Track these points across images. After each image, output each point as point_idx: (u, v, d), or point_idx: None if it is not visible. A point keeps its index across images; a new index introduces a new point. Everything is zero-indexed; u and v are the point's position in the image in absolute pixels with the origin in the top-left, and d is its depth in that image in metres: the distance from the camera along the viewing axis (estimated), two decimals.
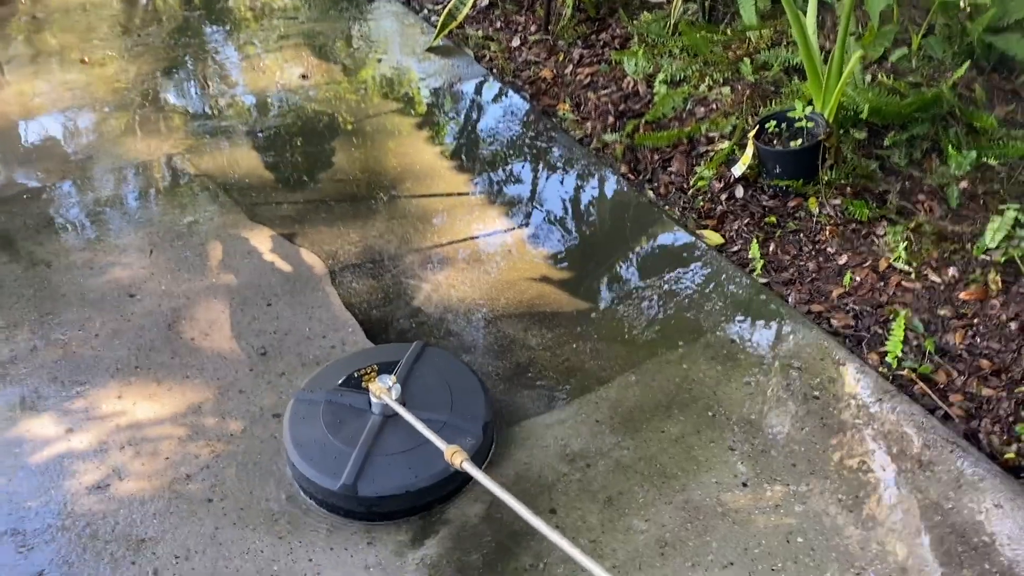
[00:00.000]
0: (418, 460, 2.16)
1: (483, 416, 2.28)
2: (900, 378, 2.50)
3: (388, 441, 2.21)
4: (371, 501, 2.13)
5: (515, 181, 3.40)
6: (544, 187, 3.36)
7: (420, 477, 2.14)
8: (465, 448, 2.11)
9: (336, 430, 2.25)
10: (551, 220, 3.18)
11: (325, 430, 2.25)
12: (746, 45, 3.89)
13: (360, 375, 2.38)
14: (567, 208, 3.24)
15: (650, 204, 3.23)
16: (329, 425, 2.26)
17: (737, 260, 2.98)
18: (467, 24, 4.53)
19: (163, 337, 2.70)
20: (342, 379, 2.38)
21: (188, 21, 4.73)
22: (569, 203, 3.27)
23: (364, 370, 2.40)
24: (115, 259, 3.02)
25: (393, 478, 2.14)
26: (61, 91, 4.05)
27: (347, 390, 2.34)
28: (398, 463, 2.17)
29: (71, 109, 3.90)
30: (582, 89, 3.95)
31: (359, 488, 2.12)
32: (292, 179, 3.42)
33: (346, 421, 2.27)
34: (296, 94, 3.98)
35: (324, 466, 2.16)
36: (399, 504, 2.15)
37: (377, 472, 2.15)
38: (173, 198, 3.31)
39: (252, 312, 2.79)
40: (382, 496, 2.13)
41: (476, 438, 2.23)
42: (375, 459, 2.17)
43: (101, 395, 2.51)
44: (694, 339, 2.62)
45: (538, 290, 2.85)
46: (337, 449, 2.20)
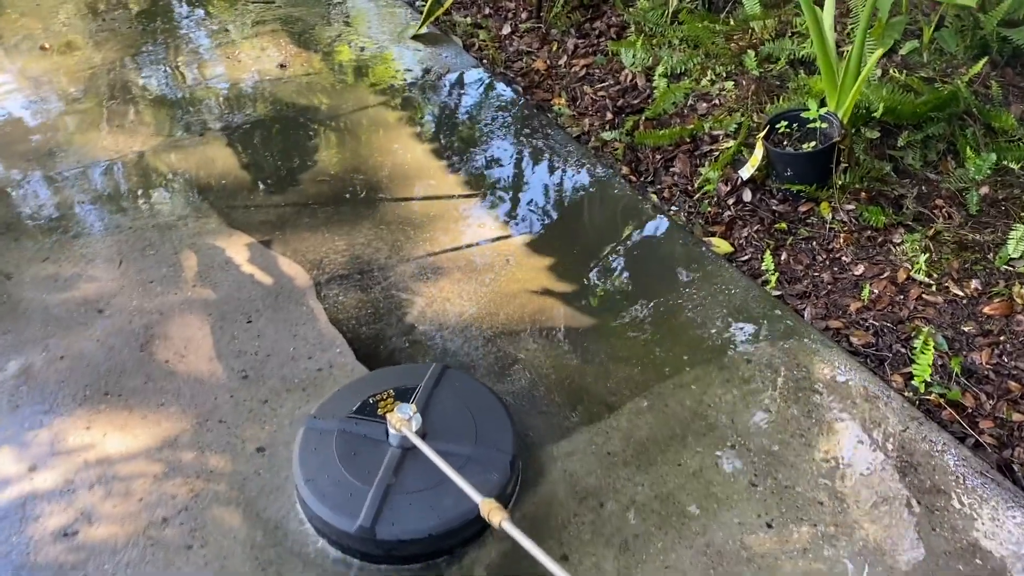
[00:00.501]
0: (441, 500, 1.97)
1: (510, 450, 2.09)
2: (927, 403, 2.36)
3: (408, 478, 2.02)
4: (390, 545, 1.94)
5: (511, 183, 3.20)
6: (542, 190, 3.16)
7: (443, 520, 1.95)
8: (491, 485, 1.96)
9: (351, 463, 2.06)
10: (551, 226, 2.99)
11: (339, 463, 2.06)
12: (749, 36, 3.72)
13: (376, 401, 2.20)
14: (568, 213, 3.06)
15: (654, 209, 3.06)
16: (343, 458, 2.07)
17: (748, 271, 2.81)
18: (454, 10, 4.30)
19: (135, 359, 2.49)
20: (356, 405, 2.19)
21: (157, 3, 4.46)
22: (569, 207, 3.08)
23: (380, 395, 2.21)
24: (81, 270, 2.80)
25: (414, 520, 1.95)
26: (19, 81, 3.78)
27: (362, 418, 2.15)
28: (419, 503, 1.97)
29: (31, 101, 3.64)
30: (577, 82, 3.75)
31: (377, 531, 1.93)
32: (272, 179, 3.20)
33: (361, 453, 2.08)
34: (274, 85, 3.74)
35: (339, 505, 1.97)
36: (420, 548, 1.96)
37: (397, 513, 1.95)
38: (143, 201, 3.09)
39: (231, 330, 2.58)
40: (402, 540, 1.94)
41: (503, 475, 2.04)
42: (394, 498, 1.98)
43: (67, 426, 2.30)
44: (708, 359, 2.46)
45: (539, 304, 2.67)
46: (352, 486, 2.01)
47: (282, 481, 2.15)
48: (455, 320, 2.61)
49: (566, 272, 2.79)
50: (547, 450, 2.23)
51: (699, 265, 2.80)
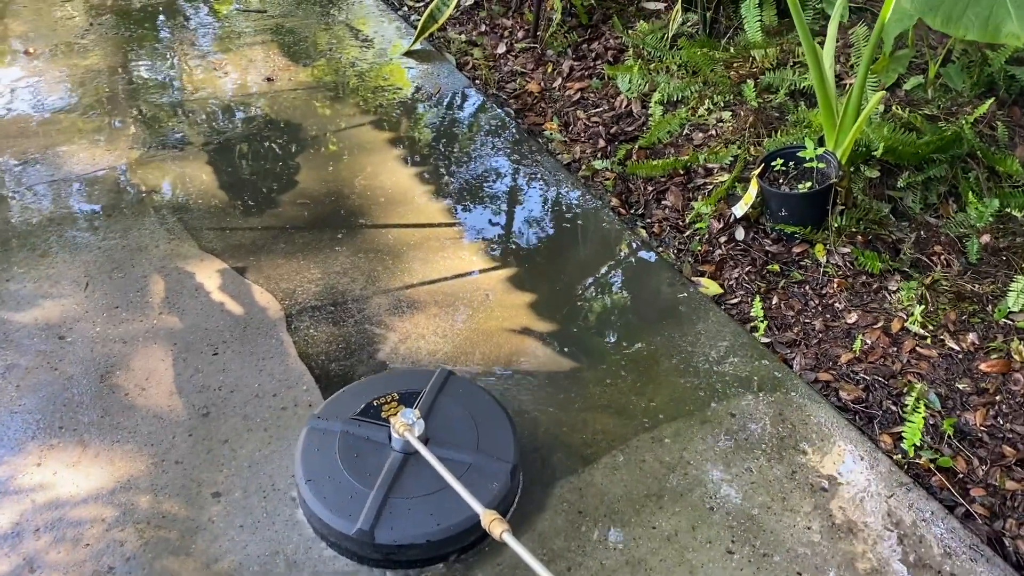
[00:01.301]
0: (440, 507, 1.96)
1: (511, 459, 2.08)
2: (916, 466, 2.25)
3: (409, 483, 2.01)
4: (389, 549, 1.94)
5: (495, 212, 3.10)
6: (527, 221, 3.06)
7: (443, 526, 1.94)
8: (491, 494, 1.96)
9: (352, 466, 2.05)
10: (534, 260, 2.89)
11: (340, 465, 2.05)
12: (749, 64, 3.61)
13: (379, 404, 2.19)
14: (552, 246, 2.95)
15: (643, 244, 2.95)
16: (345, 459, 2.06)
17: (737, 315, 2.71)
18: (449, 26, 4.20)
19: (94, 391, 2.39)
20: (360, 408, 2.18)
21: (146, 11, 4.37)
22: (554, 240, 2.98)
23: (384, 398, 2.21)
24: (46, 291, 2.70)
25: (413, 525, 1.94)
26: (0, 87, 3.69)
27: (365, 420, 2.14)
28: (419, 509, 1.97)
29: (7, 108, 3.55)
30: (571, 106, 3.65)
31: (376, 535, 1.92)
32: (250, 201, 3.10)
33: (363, 456, 2.07)
34: (260, 100, 3.64)
35: (339, 506, 1.97)
36: (419, 554, 1.96)
37: (396, 518, 1.95)
38: (116, 220, 2.99)
39: (196, 362, 2.48)
40: (401, 545, 1.93)
41: (504, 483, 2.02)
42: (394, 502, 1.97)
43: (18, 462, 2.20)
44: (689, 412, 2.35)
45: (517, 344, 2.57)
46: (353, 488, 2.00)
47: (236, 531, 2.05)
48: (427, 359, 2.51)
49: (546, 310, 2.69)
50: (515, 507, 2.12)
51: (686, 307, 2.70)
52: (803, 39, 2.72)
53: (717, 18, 3.89)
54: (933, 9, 2.21)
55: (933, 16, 2.21)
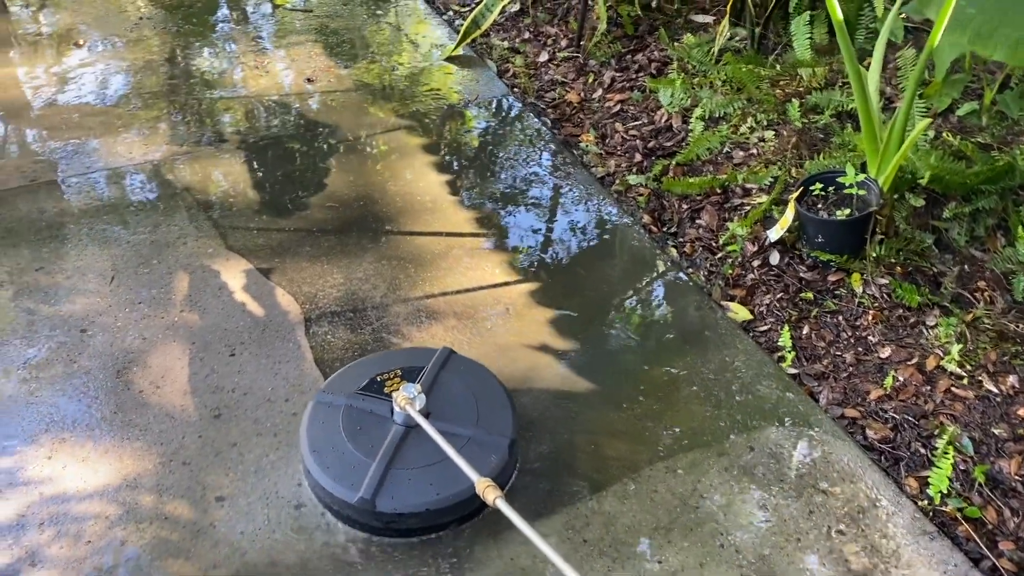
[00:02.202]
0: (440, 477, 2.02)
1: (509, 433, 2.14)
2: (942, 514, 2.15)
3: (410, 454, 2.08)
4: (389, 517, 2.00)
5: (522, 224, 3.05)
6: (554, 234, 3.01)
7: (441, 496, 2.00)
8: (489, 467, 2.02)
9: (355, 437, 2.12)
10: (558, 275, 2.84)
11: (344, 436, 2.12)
12: (796, 83, 3.51)
13: (383, 379, 2.25)
14: (578, 262, 2.89)
15: (672, 265, 2.88)
16: (348, 431, 2.13)
17: (765, 343, 2.62)
18: (492, 32, 4.17)
19: (109, 386, 2.40)
20: (364, 383, 2.25)
21: (194, 6, 4.41)
22: (581, 256, 2.92)
23: (387, 374, 2.27)
24: (73, 283, 2.72)
25: (413, 495, 2.00)
26: (47, 78, 3.76)
27: (369, 395, 2.21)
28: (419, 479, 2.03)
29: (54, 99, 3.61)
30: (610, 118, 3.58)
31: (377, 503, 1.99)
32: (279, 202, 3.10)
33: (366, 428, 2.14)
34: (299, 100, 3.65)
35: (341, 476, 2.03)
36: (418, 522, 2.02)
37: (397, 487, 2.02)
38: (147, 214, 3.01)
39: (212, 362, 2.48)
40: (401, 513, 1.99)
41: (501, 457, 2.09)
42: (395, 473, 2.04)
43: (29, 454, 2.22)
44: (707, 442, 2.28)
45: (534, 360, 2.52)
46: (356, 459, 2.07)
47: (237, 537, 2.03)
48: None
49: (567, 328, 2.63)
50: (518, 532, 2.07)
51: (712, 332, 2.62)
52: (847, 59, 2.62)
53: (766, 34, 3.79)
54: (963, 25, 2.12)
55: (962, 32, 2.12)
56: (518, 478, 2.18)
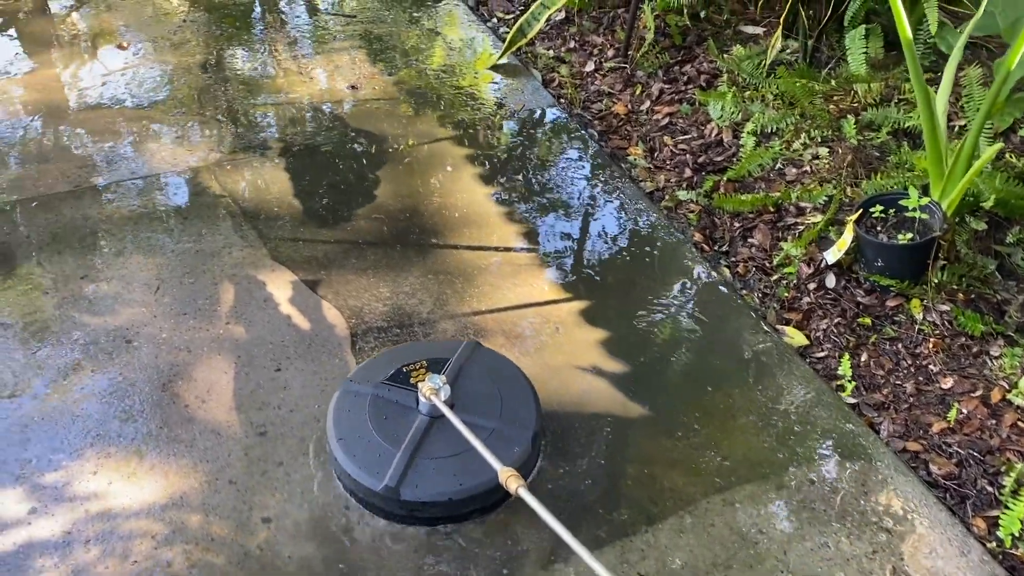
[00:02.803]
0: (464, 467, 2.06)
1: (533, 426, 2.18)
2: (1012, 558, 2.06)
3: (434, 444, 2.12)
4: (413, 506, 2.04)
5: (570, 240, 2.99)
6: (603, 251, 2.94)
7: (465, 486, 2.04)
8: (512, 458, 2.04)
9: (381, 426, 2.16)
10: (608, 293, 2.77)
11: (370, 425, 2.16)
12: (850, 98, 3.42)
13: (409, 370, 2.29)
14: (628, 280, 2.83)
15: (725, 286, 2.81)
16: (374, 420, 2.18)
17: (823, 371, 2.54)
18: (538, 40, 4.11)
19: (155, 399, 2.37)
20: (390, 373, 2.29)
21: (238, 8, 4.39)
22: (629, 275, 2.86)
23: (413, 365, 2.31)
24: (118, 292, 2.70)
25: (437, 484, 2.04)
26: (91, 79, 3.75)
27: (395, 385, 2.25)
28: (443, 469, 2.07)
29: (98, 102, 3.59)
30: (658, 131, 3.51)
31: (402, 492, 2.02)
32: (325, 212, 3.06)
33: (392, 418, 2.18)
34: (342, 107, 3.61)
35: (367, 464, 2.08)
36: (441, 511, 2.06)
37: (421, 476, 2.06)
38: (192, 222, 2.98)
39: (258, 377, 2.44)
40: (424, 502, 2.03)
41: (524, 449, 2.12)
42: (420, 462, 2.08)
43: (75, 469, 2.19)
44: (765, 474, 2.21)
45: (586, 384, 2.46)
46: (381, 447, 2.11)
47: (283, 562, 1.99)
48: None
49: (618, 349, 2.57)
50: (570, 564, 2.01)
51: (768, 358, 2.54)
52: (915, 80, 2.54)
53: (819, 47, 3.70)
54: None
55: None
56: (573, 507, 2.12)
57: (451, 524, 2.07)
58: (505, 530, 2.07)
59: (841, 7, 3.61)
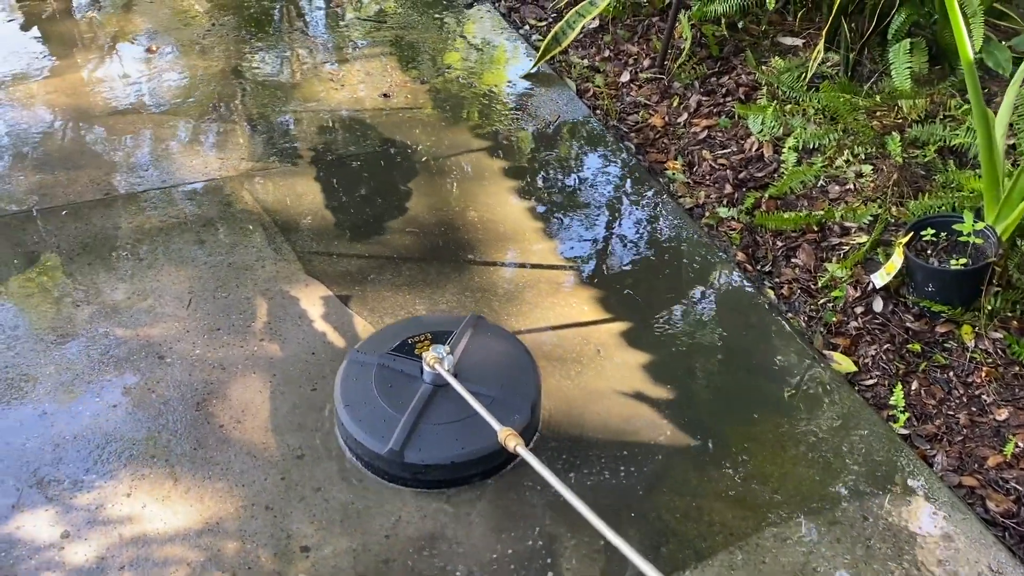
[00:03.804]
0: (466, 432, 2.15)
1: (532, 395, 2.27)
2: None
3: (437, 410, 2.21)
4: (416, 468, 2.13)
5: (609, 257, 2.93)
6: (643, 270, 2.88)
7: (467, 450, 2.13)
8: (512, 425, 2.06)
9: (387, 394, 2.24)
10: (648, 315, 2.71)
11: (376, 393, 2.24)
12: (894, 114, 3.34)
13: (414, 342, 2.38)
14: (670, 301, 2.76)
15: (770, 309, 2.74)
16: (380, 388, 2.25)
17: (872, 399, 2.47)
18: (571, 48, 4.04)
19: (189, 419, 2.32)
20: (396, 344, 2.37)
21: (268, 13, 4.34)
22: (673, 295, 2.79)
23: (418, 337, 2.39)
24: (149, 305, 2.65)
25: (440, 448, 2.13)
26: (118, 85, 3.70)
27: (400, 356, 2.33)
28: (446, 433, 2.16)
29: (126, 108, 3.55)
30: (696, 145, 3.44)
31: (406, 455, 2.11)
32: (358, 224, 3.00)
33: (397, 386, 2.27)
34: (375, 116, 3.55)
35: (373, 429, 2.16)
36: (443, 474, 2.14)
37: (424, 440, 2.14)
38: (223, 234, 2.93)
39: (294, 397, 2.39)
40: (428, 464, 2.12)
41: (524, 417, 2.20)
42: (423, 427, 2.17)
43: (109, 490, 2.14)
44: (817, 509, 2.14)
45: (630, 409, 2.39)
46: (386, 413, 2.19)
47: None
48: None
49: (661, 374, 2.50)
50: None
51: (816, 385, 2.47)
52: (974, 102, 2.47)
53: (860, 60, 3.62)
54: None
55: None
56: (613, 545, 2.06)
57: (453, 487, 2.15)
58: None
59: (885, 20, 3.54)
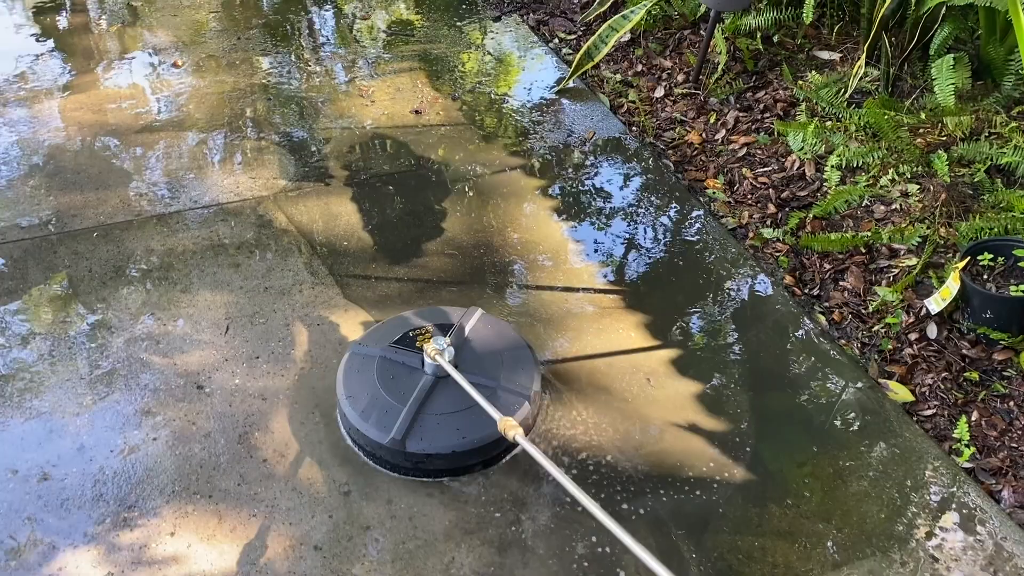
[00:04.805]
0: (466, 423, 2.19)
1: (531, 386, 2.31)
2: None
3: (438, 401, 2.25)
4: (418, 458, 2.17)
5: (654, 280, 2.86)
6: (691, 294, 2.81)
7: (467, 439, 2.17)
8: (511, 415, 2.11)
9: (388, 385, 2.28)
10: (697, 342, 2.64)
11: (378, 384, 2.29)
12: (938, 131, 3.27)
13: (415, 334, 2.42)
14: (719, 327, 2.70)
15: (823, 335, 2.67)
16: (382, 380, 2.30)
17: (933, 431, 2.40)
18: (603, 63, 3.97)
19: (231, 452, 2.26)
20: (398, 337, 2.42)
21: (294, 26, 4.28)
22: (722, 320, 2.72)
23: (420, 330, 2.44)
24: (186, 332, 2.59)
25: (441, 438, 2.17)
26: (145, 100, 3.64)
27: (402, 348, 2.38)
28: (447, 423, 2.20)
29: (153, 125, 3.48)
30: (736, 163, 3.37)
31: (407, 444, 2.15)
32: (395, 247, 2.94)
33: (399, 378, 2.31)
34: (407, 133, 3.49)
35: (375, 419, 2.20)
36: (444, 463, 2.18)
37: (426, 430, 2.18)
38: (259, 257, 2.87)
39: (339, 431, 2.32)
40: (429, 454, 2.16)
41: (524, 406, 2.25)
42: (424, 417, 2.21)
43: (152, 527, 2.07)
44: (884, 549, 2.07)
45: (684, 443, 2.32)
46: (388, 404, 2.24)
47: None
48: (577, 447, 2.28)
49: (714, 404, 2.43)
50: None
51: (876, 417, 2.40)
52: None
53: (901, 75, 3.55)
54: None
55: None
56: None
57: (454, 477, 2.19)
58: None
59: (927, 35, 3.47)
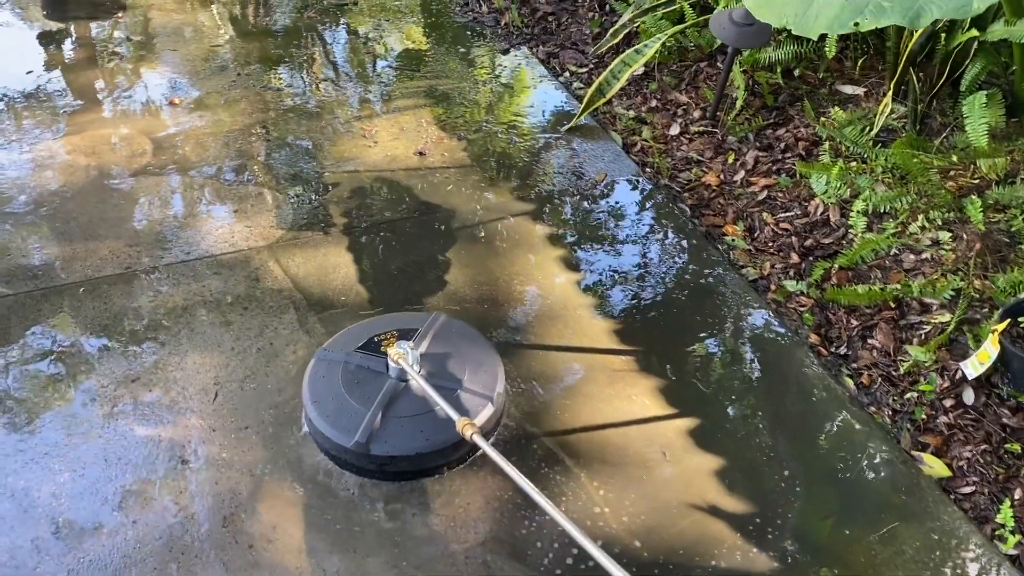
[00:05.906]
0: (430, 425, 2.21)
1: (495, 388, 2.32)
2: None
3: (402, 404, 2.26)
4: (382, 460, 2.18)
5: (669, 339, 2.69)
6: (709, 356, 2.63)
7: (430, 441, 2.19)
8: (475, 417, 2.19)
9: (353, 390, 2.30)
10: (717, 410, 2.47)
11: (342, 389, 2.30)
12: (971, 173, 3.09)
13: (380, 339, 2.44)
14: (739, 394, 2.52)
15: (852, 402, 2.49)
16: (347, 384, 2.32)
17: (972, 511, 2.22)
18: (615, 98, 3.82)
19: (216, 536, 2.10)
20: (362, 342, 2.44)
21: (296, 62, 4.15)
22: (741, 386, 2.54)
23: (384, 335, 2.46)
24: (172, 399, 2.44)
25: (405, 440, 2.19)
26: (141, 142, 3.51)
27: (366, 353, 2.40)
28: (410, 426, 2.22)
29: (148, 169, 3.35)
30: (756, 207, 3.20)
31: (371, 447, 2.17)
32: (396, 301, 2.78)
33: (363, 382, 2.32)
34: (410, 176, 3.34)
35: (339, 423, 2.22)
36: (408, 465, 2.20)
37: (390, 433, 2.20)
38: (252, 313, 2.72)
39: (331, 511, 2.16)
40: (392, 456, 2.17)
41: (487, 408, 2.26)
42: (389, 420, 2.23)
43: None
44: None
45: (701, 527, 2.15)
46: (353, 408, 2.25)
47: None
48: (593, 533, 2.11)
49: (736, 481, 2.26)
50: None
51: (911, 496, 2.22)
52: None
53: (930, 112, 3.37)
54: None
55: None
56: None
57: (418, 479, 2.21)
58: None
59: (958, 70, 3.29)
